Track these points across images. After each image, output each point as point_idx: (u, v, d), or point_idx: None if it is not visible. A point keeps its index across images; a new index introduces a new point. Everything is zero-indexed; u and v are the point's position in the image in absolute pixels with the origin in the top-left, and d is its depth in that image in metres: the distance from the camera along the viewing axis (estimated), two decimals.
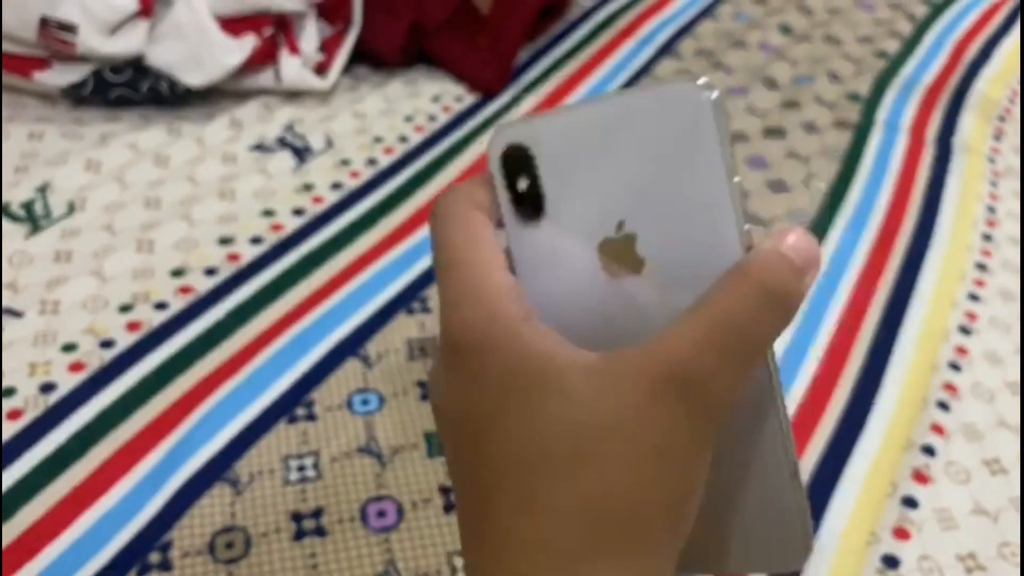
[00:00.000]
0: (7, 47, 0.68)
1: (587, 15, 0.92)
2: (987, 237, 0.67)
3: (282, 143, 0.70)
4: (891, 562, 0.45)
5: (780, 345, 0.56)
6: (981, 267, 0.64)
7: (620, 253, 0.26)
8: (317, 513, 0.45)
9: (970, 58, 0.89)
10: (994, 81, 0.85)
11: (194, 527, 0.44)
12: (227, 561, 0.43)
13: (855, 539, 0.46)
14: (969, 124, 0.79)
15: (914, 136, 0.77)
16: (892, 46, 0.90)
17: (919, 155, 0.75)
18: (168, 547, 0.43)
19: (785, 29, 0.93)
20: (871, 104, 0.81)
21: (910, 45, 0.90)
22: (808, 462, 0.49)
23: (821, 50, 0.89)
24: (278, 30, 0.73)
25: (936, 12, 0.96)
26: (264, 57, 0.72)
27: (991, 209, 0.70)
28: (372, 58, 0.80)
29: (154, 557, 0.43)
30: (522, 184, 0.27)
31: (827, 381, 0.54)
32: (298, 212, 0.64)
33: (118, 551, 0.43)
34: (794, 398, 0.53)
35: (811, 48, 0.89)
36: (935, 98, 0.82)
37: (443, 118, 0.76)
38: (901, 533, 0.47)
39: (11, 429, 0.48)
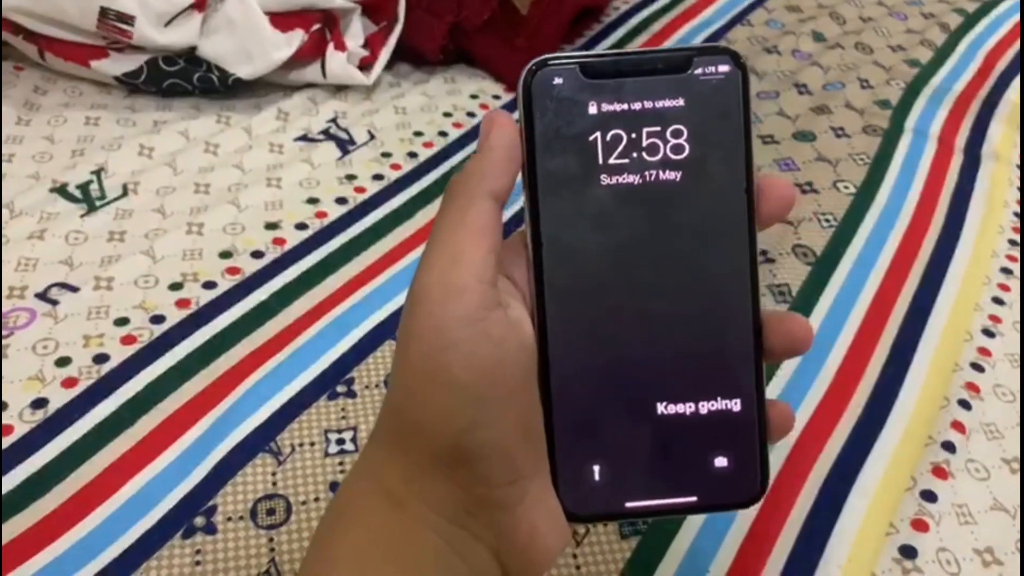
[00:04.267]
0: (68, 36, 0.71)
1: (622, 19, 0.94)
2: (1013, 243, 0.68)
3: (327, 135, 0.73)
4: (909, 552, 0.46)
5: None
6: (1006, 271, 0.65)
7: None
8: None
9: (1002, 68, 0.89)
10: None
11: (237, 493, 0.46)
12: (268, 527, 0.45)
13: (874, 529, 0.47)
14: (998, 133, 0.80)
15: (943, 143, 0.77)
16: (924, 55, 0.90)
17: (947, 162, 0.75)
18: (212, 511, 0.45)
19: (818, 36, 0.94)
20: (901, 111, 0.81)
21: (942, 54, 0.91)
22: (830, 453, 0.50)
23: (853, 57, 0.90)
24: (325, 26, 0.76)
25: (970, 22, 0.97)
26: (311, 52, 0.74)
27: (1017, 215, 0.71)
28: (414, 56, 0.82)
29: (199, 520, 0.44)
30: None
31: (850, 376, 0.55)
32: (341, 201, 0.66)
33: (165, 513, 0.45)
34: (818, 391, 0.54)
35: (843, 55, 0.90)
36: (965, 107, 0.82)
37: (481, 115, 0.78)
38: (920, 525, 0.47)
39: (65, 397, 0.50)
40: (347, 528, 0.28)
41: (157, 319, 0.55)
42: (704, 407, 0.30)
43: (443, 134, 0.75)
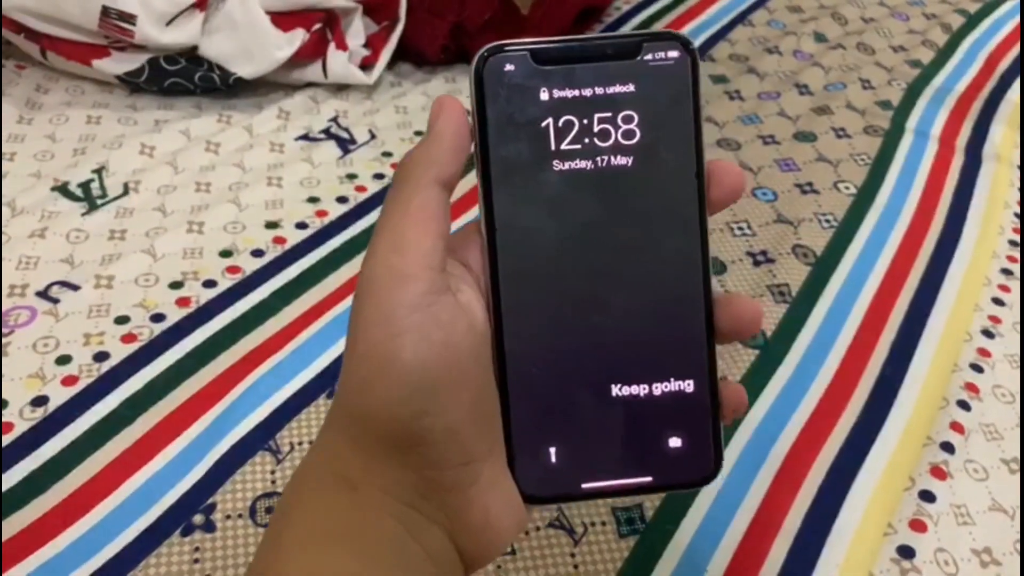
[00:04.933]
0: (70, 35, 0.71)
1: (624, 19, 0.94)
2: (1013, 243, 0.68)
3: (328, 134, 0.73)
4: (907, 552, 0.46)
5: (806, 340, 0.58)
6: (1007, 272, 0.65)
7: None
8: None
9: (1003, 69, 0.89)
10: None
11: (236, 492, 0.46)
12: (267, 525, 0.44)
13: (871, 529, 0.47)
14: (999, 133, 0.80)
15: (944, 144, 0.78)
16: (925, 55, 0.91)
17: (948, 162, 0.75)
18: (211, 509, 0.45)
19: (819, 37, 0.94)
20: (902, 111, 0.81)
21: (943, 55, 0.91)
22: (828, 453, 0.50)
23: (854, 58, 0.90)
24: (326, 26, 0.76)
25: (971, 23, 0.97)
26: (312, 51, 0.75)
27: (1018, 216, 0.71)
28: (415, 55, 0.82)
29: (198, 518, 0.45)
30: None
31: (850, 376, 0.55)
32: (341, 200, 0.67)
33: (164, 511, 0.45)
34: (817, 391, 0.54)
35: (844, 56, 0.90)
36: (967, 107, 0.83)
37: None
38: (918, 525, 0.47)
39: (66, 394, 0.50)
40: (302, 512, 0.28)
41: (157, 317, 0.55)
42: (658, 388, 0.30)
43: None
